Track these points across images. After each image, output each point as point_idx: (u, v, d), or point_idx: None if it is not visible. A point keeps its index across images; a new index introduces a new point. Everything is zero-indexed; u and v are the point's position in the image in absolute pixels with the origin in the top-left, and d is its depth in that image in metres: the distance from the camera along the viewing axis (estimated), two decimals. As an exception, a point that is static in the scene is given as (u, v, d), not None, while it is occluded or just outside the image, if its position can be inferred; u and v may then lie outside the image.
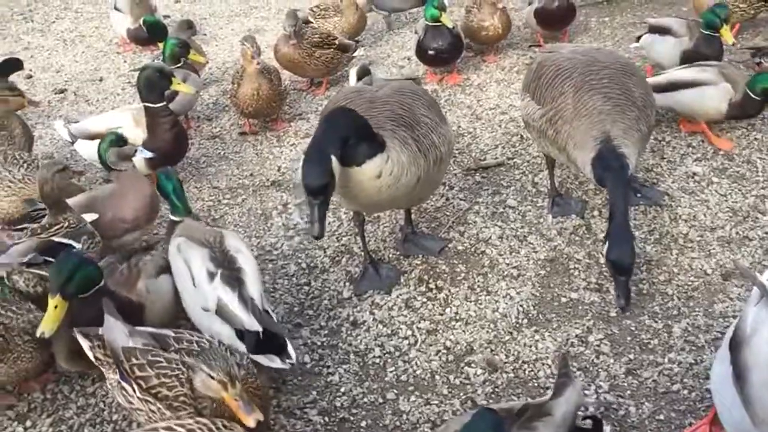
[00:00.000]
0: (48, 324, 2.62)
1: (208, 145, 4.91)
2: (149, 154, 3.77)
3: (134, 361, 2.43)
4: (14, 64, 5.15)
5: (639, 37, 4.93)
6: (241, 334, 2.69)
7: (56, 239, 3.13)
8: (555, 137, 3.26)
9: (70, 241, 3.14)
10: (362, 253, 3.51)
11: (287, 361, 2.65)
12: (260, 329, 2.66)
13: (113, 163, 3.59)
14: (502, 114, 4.88)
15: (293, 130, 4.96)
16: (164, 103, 4.08)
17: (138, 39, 6.01)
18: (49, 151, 4.86)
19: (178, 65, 4.75)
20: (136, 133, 4.08)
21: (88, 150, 4.20)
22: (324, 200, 2.62)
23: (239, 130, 5.01)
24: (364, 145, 2.75)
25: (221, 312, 2.72)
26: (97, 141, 3.72)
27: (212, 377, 2.24)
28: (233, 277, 2.78)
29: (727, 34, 4.38)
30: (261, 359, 2.64)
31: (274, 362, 2.66)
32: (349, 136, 2.69)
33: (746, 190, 3.84)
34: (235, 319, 2.69)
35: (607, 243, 3.06)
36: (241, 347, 2.65)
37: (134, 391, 2.41)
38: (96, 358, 2.56)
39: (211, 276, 2.78)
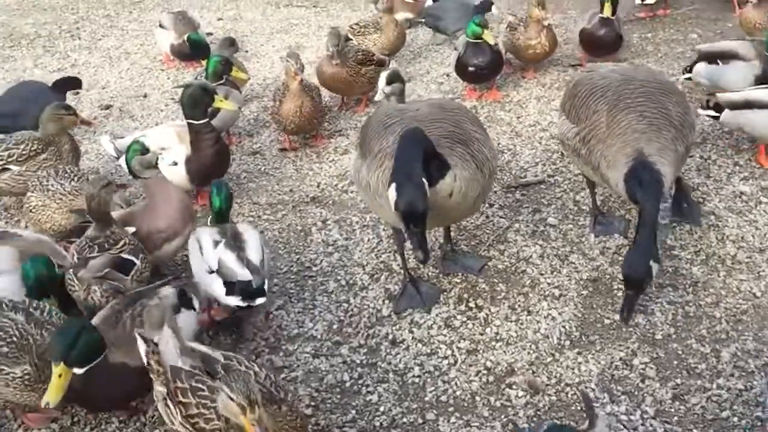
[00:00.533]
0: (53, 395, 2.52)
1: (249, 161, 4.95)
2: (171, 161, 3.84)
3: (179, 384, 2.42)
4: (73, 83, 5.33)
5: (689, 68, 4.66)
6: (229, 286, 3.10)
7: (124, 255, 3.19)
8: (588, 156, 3.23)
9: (132, 257, 3.21)
10: (402, 271, 3.49)
11: (248, 304, 3.09)
12: (251, 278, 3.08)
13: (138, 171, 3.64)
14: (542, 131, 4.84)
15: (333, 147, 4.99)
16: (207, 119, 4.14)
17: (181, 55, 6.12)
18: (94, 166, 4.95)
19: (221, 82, 4.81)
20: (180, 149, 4.15)
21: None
22: (425, 226, 2.69)
23: (279, 146, 5.06)
24: (435, 166, 2.77)
25: (221, 269, 3.13)
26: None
27: (232, 399, 2.22)
28: (235, 245, 3.22)
29: None
30: (233, 300, 3.09)
31: (237, 301, 3.09)
32: (427, 158, 2.70)
33: (798, 211, 3.74)
34: (230, 272, 3.11)
35: (625, 256, 3.04)
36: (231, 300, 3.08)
37: (176, 414, 2.41)
38: (149, 363, 2.55)
39: (216, 244, 3.24)
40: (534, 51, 5.29)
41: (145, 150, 3.68)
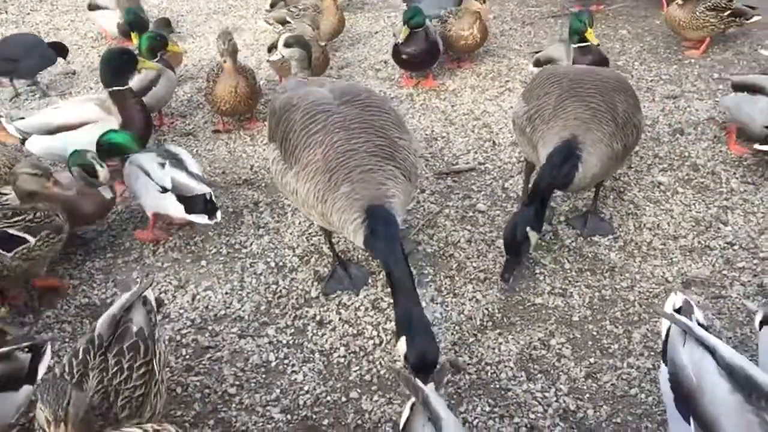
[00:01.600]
0: None
1: (181, 142, 4.89)
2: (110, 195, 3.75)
3: None
4: (62, 48, 5.49)
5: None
6: (186, 202, 3.50)
7: (11, 231, 3.13)
8: (531, 135, 3.31)
9: (25, 235, 3.15)
10: (331, 254, 3.52)
11: (214, 221, 3.52)
12: (209, 190, 3.55)
13: (77, 179, 3.59)
14: (475, 120, 4.93)
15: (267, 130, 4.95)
16: (129, 85, 4.14)
17: (127, 34, 5.94)
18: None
19: (155, 60, 4.73)
20: (110, 120, 4.08)
21: (44, 145, 4.12)
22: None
23: (213, 127, 5.00)
24: None
25: (176, 186, 3.52)
26: (60, 135, 3.73)
27: (41, 410, 2.03)
28: (179, 164, 3.64)
29: None
30: (199, 218, 3.50)
31: (204, 220, 3.50)
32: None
33: (710, 200, 3.92)
34: (187, 187, 3.53)
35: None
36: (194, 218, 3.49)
37: None
38: None
39: (162, 165, 3.61)
40: (465, 42, 5.37)
41: (93, 172, 3.58)
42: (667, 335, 2.37)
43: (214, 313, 3.37)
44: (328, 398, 2.88)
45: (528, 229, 3.08)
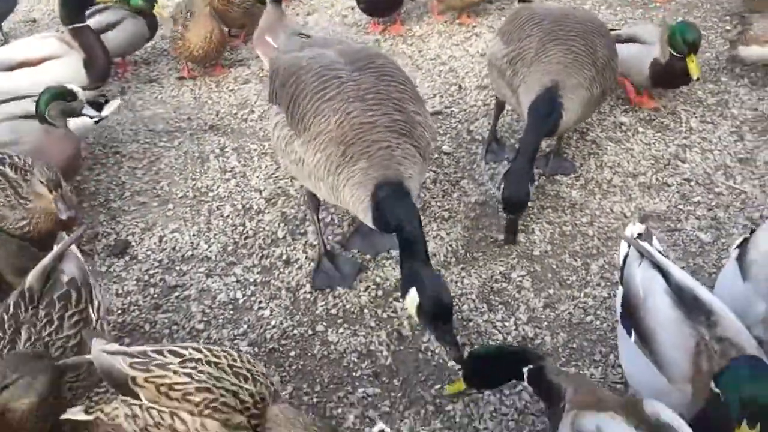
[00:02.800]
0: None
1: (145, 89, 4.84)
2: (95, 114, 3.72)
3: None
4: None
5: None
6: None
7: None
8: (512, 78, 3.30)
9: None
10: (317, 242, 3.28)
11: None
12: None
13: (51, 118, 3.42)
14: (441, 65, 4.93)
15: (233, 76, 4.93)
16: (87, 22, 4.12)
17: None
18: None
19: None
20: (72, 56, 4.01)
21: (2, 84, 3.93)
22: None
23: (178, 74, 4.95)
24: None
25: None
26: (20, 71, 3.66)
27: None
28: None
29: None
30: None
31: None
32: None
33: (669, 139, 4.01)
34: None
35: (503, 180, 3.17)
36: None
37: None
38: None
39: None
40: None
41: (71, 97, 3.45)
42: (625, 259, 2.45)
43: (182, 254, 3.40)
44: (295, 332, 2.95)
45: (529, 184, 3.08)
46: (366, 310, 3.03)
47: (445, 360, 2.76)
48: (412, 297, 2.46)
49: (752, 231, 2.61)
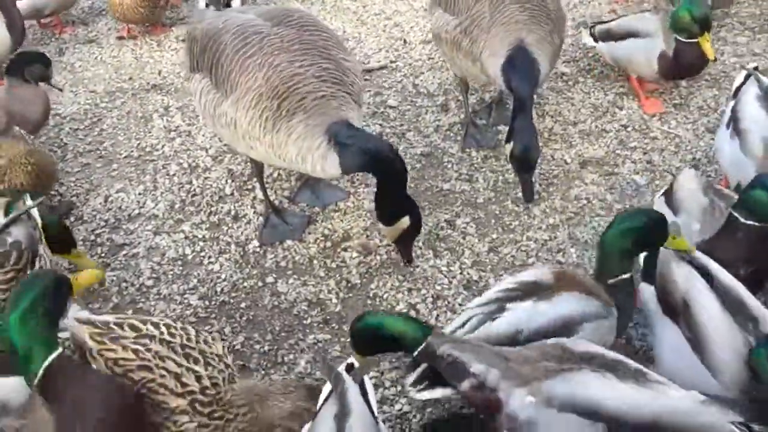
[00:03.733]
0: None
1: (84, 50, 4.75)
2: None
3: None
4: None
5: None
6: None
7: None
8: (470, 47, 3.22)
9: None
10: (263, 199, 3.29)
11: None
12: None
13: (31, 77, 3.56)
14: (386, 19, 4.94)
15: (174, 35, 4.85)
16: None
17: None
18: None
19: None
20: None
21: None
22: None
23: (117, 34, 4.85)
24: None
25: None
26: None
27: None
28: None
29: None
30: None
31: None
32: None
33: (608, 88, 4.11)
34: None
35: (511, 142, 3.10)
36: None
37: None
38: None
39: None
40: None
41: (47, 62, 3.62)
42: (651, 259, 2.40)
43: (128, 213, 3.39)
44: (245, 284, 2.98)
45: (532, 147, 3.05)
46: (315, 261, 3.08)
47: (393, 310, 2.83)
48: (404, 221, 2.76)
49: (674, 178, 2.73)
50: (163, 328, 2.12)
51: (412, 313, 2.81)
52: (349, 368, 1.99)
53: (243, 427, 2.03)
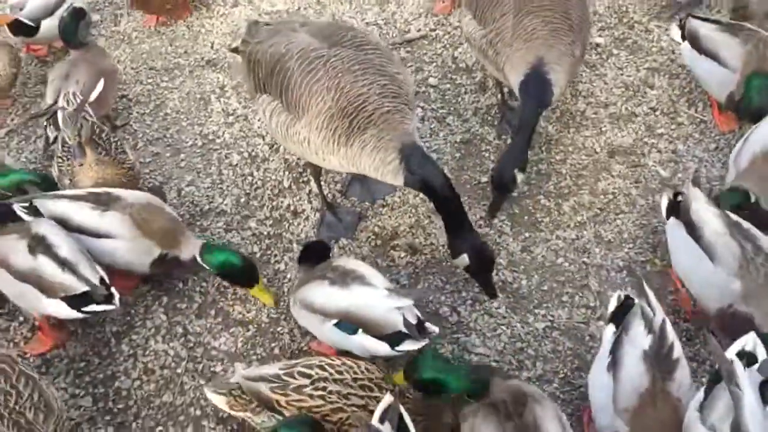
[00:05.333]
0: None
1: (139, 18, 4.93)
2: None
3: None
4: None
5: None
6: None
7: None
8: (495, 58, 3.47)
9: None
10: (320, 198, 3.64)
11: None
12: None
13: (83, 37, 4.05)
14: (425, -20, 5.00)
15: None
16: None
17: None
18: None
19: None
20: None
21: None
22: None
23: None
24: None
25: None
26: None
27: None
28: None
29: None
30: None
31: None
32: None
33: (640, 62, 4.28)
34: None
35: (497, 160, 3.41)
36: None
37: None
38: None
39: None
40: None
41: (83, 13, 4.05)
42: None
43: (200, 209, 3.81)
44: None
45: (516, 171, 3.28)
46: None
47: (437, 311, 3.29)
48: (463, 258, 3.05)
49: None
50: (329, 369, 2.58)
51: (454, 315, 3.27)
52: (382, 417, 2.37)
53: None
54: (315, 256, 3.15)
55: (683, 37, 3.86)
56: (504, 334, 3.19)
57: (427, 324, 2.83)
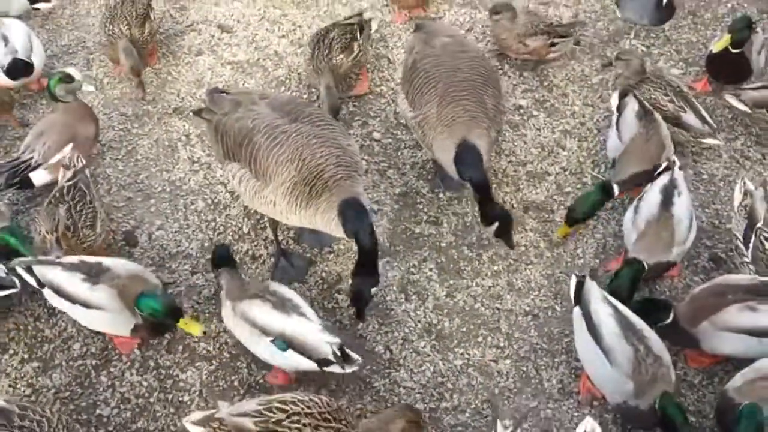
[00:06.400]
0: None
1: (110, 64, 5.36)
2: (92, 88, 4.67)
3: None
4: None
5: None
6: None
7: None
8: (423, 138, 4.11)
9: None
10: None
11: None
12: None
13: (62, 97, 4.41)
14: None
15: (186, 45, 5.49)
16: None
17: None
18: None
19: None
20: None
21: None
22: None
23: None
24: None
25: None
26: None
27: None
28: None
29: None
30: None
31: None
32: None
33: (555, 124, 4.94)
34: None
35: (493, 224, 3.97)
36: None
37: None
38: None
39: None
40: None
41: (70, 79, 4.40)
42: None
43: (168, 252, 4.33)
44: (264, 323, 4.01)
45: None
46: (315, 303, 4.10)
47: (373, 349, 3.90)
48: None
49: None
50: (300, 404, 3.14)
51: (387, 353, 3.89)
52: None
53: None
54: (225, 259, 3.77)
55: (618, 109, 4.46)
56: (428, 370, 3.82)
57: (352, 354, 3.46)
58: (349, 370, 3.45)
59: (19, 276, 3.69)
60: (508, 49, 5.18)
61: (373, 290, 3.68)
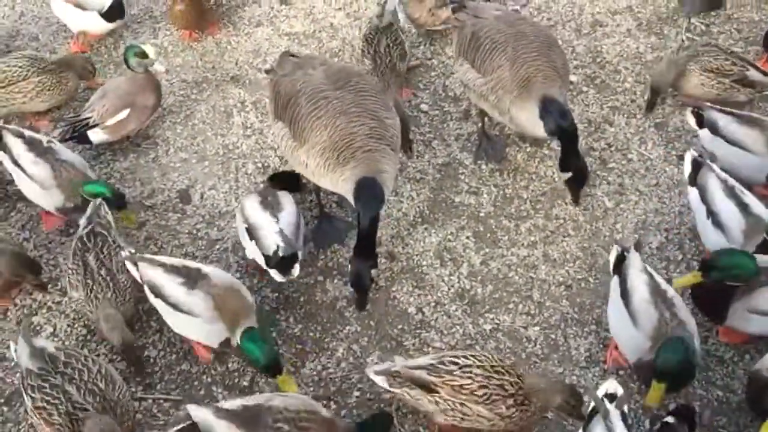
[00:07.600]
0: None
1: (174, 30, 5.61)
2: (162, 69, 4.86)
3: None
4: None
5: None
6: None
7: None
8: (497, 103, 4.10)
9: None
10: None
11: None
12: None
13: (134, 68, 4.64)
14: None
15: (247, 16, 5.68)
16: None
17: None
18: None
19: None
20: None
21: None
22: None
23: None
24: None
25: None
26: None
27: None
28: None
29: None
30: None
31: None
32: None
33: (605, 100, 4.91)
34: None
35: (569, 172, 4.09)
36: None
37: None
38: None
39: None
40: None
41: (144, 56, 4.65)
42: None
43: (219, 210, 4.56)
44: (303, 281, 4.15)
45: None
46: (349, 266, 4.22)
47: (406, 310, 4.02)
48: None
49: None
50: (472, 359, 3.23)
51: (419, 314, 4.00)
52: (611, 398, 3.02)
53: (534, 410, 3.18)
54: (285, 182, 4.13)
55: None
56: (458, 333, 3.91)
57: (294, 268, 3.78)
58: (279, 278, 3.75)
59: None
60: (424, 25, 5.26)
61: (373, 272, 3.74)
